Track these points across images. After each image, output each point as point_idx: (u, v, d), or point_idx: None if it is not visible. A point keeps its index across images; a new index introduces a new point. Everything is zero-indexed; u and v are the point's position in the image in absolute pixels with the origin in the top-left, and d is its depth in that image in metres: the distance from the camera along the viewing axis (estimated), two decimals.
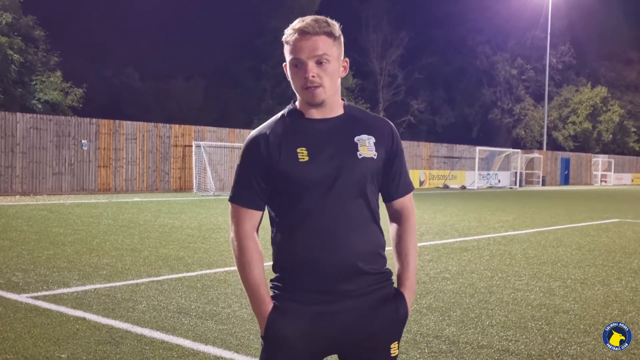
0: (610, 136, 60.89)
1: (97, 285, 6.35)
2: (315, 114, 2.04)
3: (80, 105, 30.75)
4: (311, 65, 1.97)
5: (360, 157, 2.01)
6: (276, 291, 2.05)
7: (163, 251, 8.72)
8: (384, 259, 2.09)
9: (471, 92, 62.91)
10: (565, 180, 49.13)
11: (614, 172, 52.88)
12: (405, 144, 36.27)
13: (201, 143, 25.53)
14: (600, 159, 52.69)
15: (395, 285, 2.14)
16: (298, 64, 1.99)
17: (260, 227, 2.08)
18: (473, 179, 37.82)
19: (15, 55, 27.77)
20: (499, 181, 40.62)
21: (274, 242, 2.06)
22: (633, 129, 63.45)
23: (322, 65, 1.98)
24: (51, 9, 41.04)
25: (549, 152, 48.49)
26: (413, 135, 54.81)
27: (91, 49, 50.06)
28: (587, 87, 61.44)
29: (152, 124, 25.50)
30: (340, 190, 1.97)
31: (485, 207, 19.43)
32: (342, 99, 2.10)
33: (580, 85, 62.81)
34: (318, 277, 1.97)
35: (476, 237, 11.18)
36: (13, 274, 6.88)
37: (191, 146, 25.87)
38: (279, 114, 2.10)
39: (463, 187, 36.66)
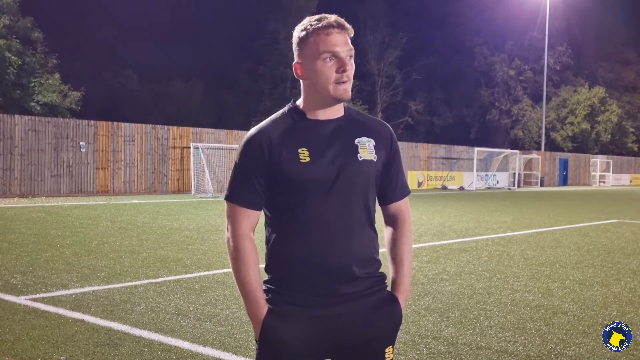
0: (609, 137, 60.89)
1: (96, 287, 6.34)
2: (319, 114, 1.99)
3: (79, 108, 30.77)
4: (347, 59, 1.94)
5: (360, 159, 1.97)
6: (272, 294, 1.99)
7: (161, 253, 8.71)
8: (378, 262, 2.06)
9: (469, 93, 62.94)
10: (564, 181, 49.16)
11: (613, 172, 52.86)
12: (403, 145, 36.23)
13: (199, 145, 25.52)
14: (598, 160, 52.71)
15: (389, 288, 2.11)
16: (332, 58, 1.92)
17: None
18: (471, 180, 37.82)
19: (13, 57, 27.78)
20: (498, 182, 40.64)
21: (268, 242, 2.01)
22: (631, 130, 63.46)
23: (350, 61, 1.96)
24: (49, 11, 41.09)
25: (547, 153, 48.52)
26: (411, 137, 54.81)
27: (89, 51, 50.18)
28: (585, 87, 61.47)
29: (150, 125, 25.49)
30: (340, 192, 1.94)
31: (484, 208, 19.44)
32: None
33: (578, 86, 62.84)
34: (316, 279, 1.93)
35: (474, 238, 11.18)
36: (12, 276, 6.87)
37: (189, 148, 25.85)
38: (280, 113, 2.04)
39: (461, 188, 36.66)
